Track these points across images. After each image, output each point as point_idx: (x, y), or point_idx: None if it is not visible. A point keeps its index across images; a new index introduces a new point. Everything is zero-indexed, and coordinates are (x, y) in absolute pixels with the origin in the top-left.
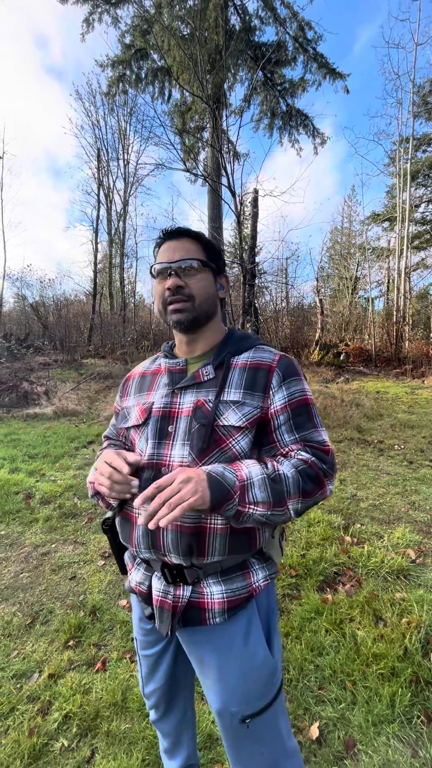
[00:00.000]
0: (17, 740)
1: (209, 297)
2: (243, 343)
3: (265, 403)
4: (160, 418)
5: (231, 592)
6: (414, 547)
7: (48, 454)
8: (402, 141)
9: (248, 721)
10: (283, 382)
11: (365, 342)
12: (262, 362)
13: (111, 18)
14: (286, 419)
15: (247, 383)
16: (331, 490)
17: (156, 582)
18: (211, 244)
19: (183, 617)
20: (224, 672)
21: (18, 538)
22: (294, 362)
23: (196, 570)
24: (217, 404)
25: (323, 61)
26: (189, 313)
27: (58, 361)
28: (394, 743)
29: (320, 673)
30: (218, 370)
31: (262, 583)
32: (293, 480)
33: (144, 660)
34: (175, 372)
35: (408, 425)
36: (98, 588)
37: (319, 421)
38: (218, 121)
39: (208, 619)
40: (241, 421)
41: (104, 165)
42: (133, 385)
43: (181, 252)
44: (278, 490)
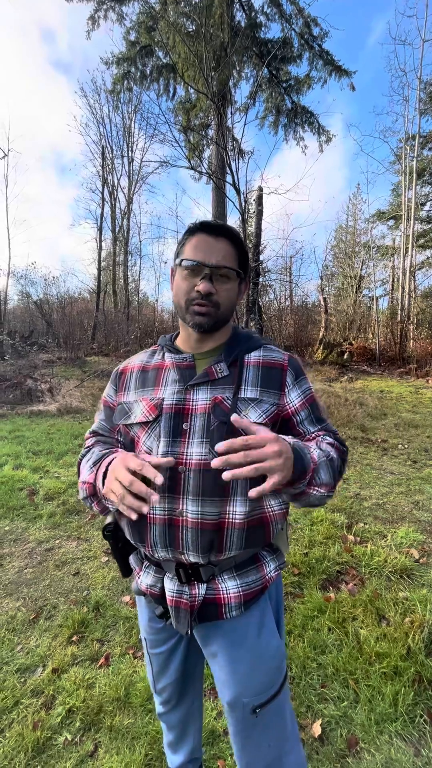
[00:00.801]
0: (21, 734)
1: (232, 305)
2: (251, 341)
3: (281, 401)
4: (174, 414)
5: (246, 585)
6: (417, 547)
7: (52, 450)
8: (408, 138)
9: (258, 710)
10: (296, 381)
11: (369, 341)
12: (276, 361)
13: (116, 15)
14: (307, 414)
15: (263, 381)
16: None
17: (169, 583)
18: (246, 249)
19: (199, 614)
20: (237, 665)
21: (22, 534)
22: (299, 362)
23: (212, 567)
24: (236, 401)
25: (329, 58)
26: (211, 318)
27: (61, 358)
28: (396, 742)
29: (323, 671)
30: (232, 367)
31: (273, 573)
32: (338, 461)
33: (155, 658)
34: (184, 368)
35: (412, 424)
36: (101, 584)
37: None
38: (223, 119)
39: (225, 613)
40: (261, 418)
41: (109, 163)
42: (133, 379)
43: (219, 256)
44: (334, 471)
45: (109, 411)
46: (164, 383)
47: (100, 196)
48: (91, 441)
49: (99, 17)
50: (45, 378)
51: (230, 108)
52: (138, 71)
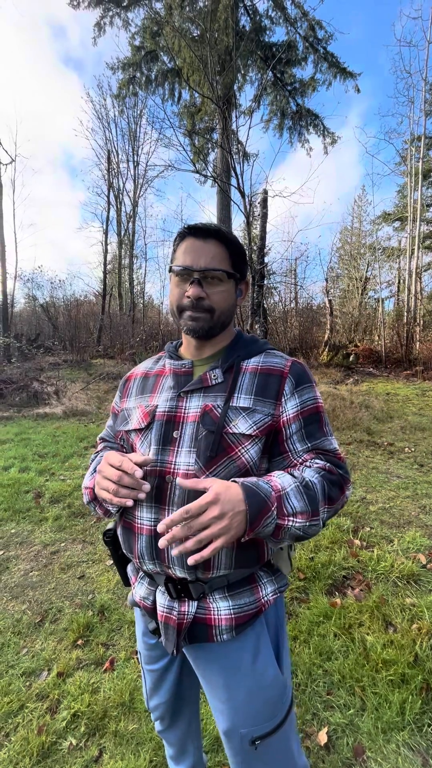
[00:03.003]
0: (26, 738)
1: (229, 308)
2: (252, 346)
3: (277, 411)
4: (165, 422)
5: (238, 608)
6: (425, 552)
7: (57, 453)
8: (414, 140)
9: (258, 743)
10: (295, 390)
11: (375, 343)
12: (275, 368)
13: (122, 21)
14: (298, 428)
15: (258, 389)
16: (347, 496)
17: (160, 597)
18: (240, 248)
19: (189, 634)
20: (232, 692)
21: (28, 537)
22: (306, 368)
23: (202, 584)
24: (226, 410)
25: (334, 61)
26: (205, 323)
27: (67, 361)
28: (404, 751)
29: (329, 678)
30: (227, 374)
31: (271, 597)
32: (320, 486)
33: (148, 675)
34: (181, 374)
35: (419, 427)
36: (106, 587)
37: (329, 430)
38: (228, 122)
39: (215, 635)
40: (251, 429)
41: (114, 167)
42: (135, 385)
43: (208, 258)
44: (312, 497)
45: (115, 417)
46: (160, 390)
47: (106, 200)
48: (99, 447)
49: (105, 23)
50: (51, 380)
51: (235, 111)
52: (143, 76)
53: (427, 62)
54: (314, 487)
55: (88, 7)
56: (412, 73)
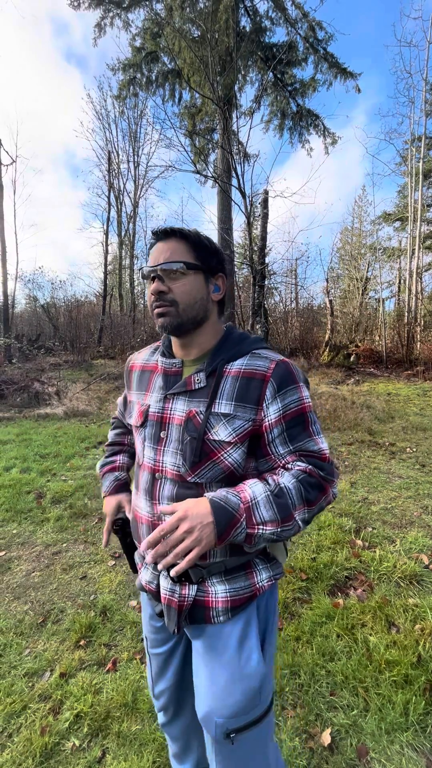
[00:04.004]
0: (29, 739)
1: (196, 302)
2: (240, 347)
3: (258, 416)
4: (155, 422)
5: (234, 591)
6: (427, 552)
7: (59, 454)
8: (414, 140)
9: (233, 736)
10: (277, 394)
11: (376, 343)
12: (257, 371)
13: (122, 22)
14: (280, 432)
15: (239, 394)
16: (335, 494)
17: (163, 581)
18: (203, 242)
19: (189, 615)
20: (215, 676)
21: (30, 537)
22: (291, 368)
23: (200, 569)
24: (207, 416)
25: (334, 61)
26: (172, 318)
27: (68, 361)
28: (407, 752)
29: (332, 679)
30: (210, 378)
31: (266, 583)
32: (296, 491)
33: (154, 658)
34: (170, 374)
35: (420, 428)
36: (109, 588)
37: (316, 429)
38: (228, 123)
39: (213, 617)
40: (230, 436)
41: (115, 167)
42: (135, 378)
43: (166, 254)
44: (283, 505)
45: (125, 402)
46: (152, 388)
47: (107, 201)
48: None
49: (105, 24)
50: (52, 381)
51: (235, 112)
52: (144, 77)
53: (427, 62)
54: (288, 494)
55: (89, 8)
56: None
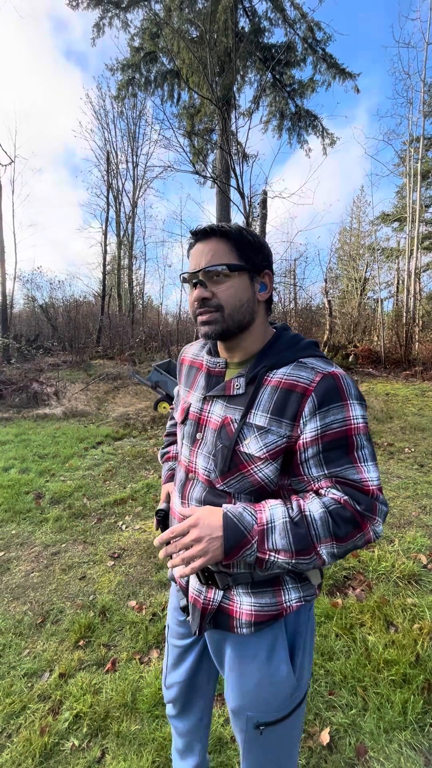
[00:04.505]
0: (29, 739)
1: (242, 304)
2: (287, 353)
3: (294, 432)
4: (193, 422)
5: (259, 606)
6: (425, 552)
7: (57, 454)
8: (412, 141)
9: (263, 728)
10: (318, 411)
11: (374, 343)
12: (298, 383)
13: (121, 22)
14: (315, 453)
15: (276, 407)
16: (377, 534)
17: (193, 580)
18: (246, 239)
19: (213, 619)
20: (245, 679)
21: (29, 538)
22: (341, 383)
23: (226, 576)
24: (241, 427)
25: (333, 62)
26: (217, 325)
27: (67, 361)
28: (406, 751)
29: (331, 678)
30: (250, 385)
31: (294, 603)
32: (322, 522)
33: (171, 649)
34: (213, 375)
35: (418, 428)
36: (108, 588)
37: (363, 455)
38: (227, 123)
39: (236, 627)
40: (261, 452)
41: (113, 167)
42: (184, 372)
43: (208, 257)
44: (301, 535)
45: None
46: (196, 387)
47: (105, 201)
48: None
49: (104, 24)
50: (50, 381)
51: (234, 112)
52: (142, 77)
53: (425, 64)
54: (312, 524)
55: (87, 8)
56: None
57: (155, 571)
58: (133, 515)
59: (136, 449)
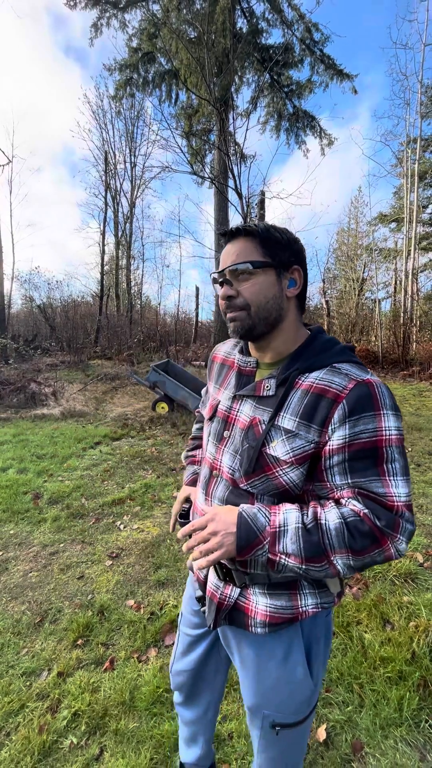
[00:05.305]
0: (27, 737)
1: (268, 301)
2: (321, 357)
3: (322, 438)
4: (221, 420)
5: (274, 608)
6: (422, 551)
7: (56, 454)
8: (410, 142)
9: (278, 729)
10: (348, 419)
11: (372, 344)
12: (330, 389)
13: (119, 22)
14: (341, 461)
15: (306, 412)
16: (399, 552)
17: (211, 574)
18: (273, 236)
19: (229, 615)
20: (262, 677)
21: (27, 538)
22: (375, 391)
23: (243, 574)
24: (269, 429)
25: (330, 63)
26: (244, 322)
27: (65, 362)
28: (401, 747)
29: (327, 676)
30: (281, 387)
31: (310, 609)
32: (337, 533)
33: (183, 637)
34: (244, 374)
35: (415, 428)
36: (106, 588)
37: (393, 469)
38: (225, 124)
39: (250, 626)
40: (287, 455)
41: (111, 167)
42: (215, 369)
43: (233, 256)
44: (312, 543)
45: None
46: (226, 385)
47: (103, 201)
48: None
49: (102, 24)
50: (48, 382)
51: (232, 113)
52: (140, 77)
53: (422, 65)
54: (325, 534)
55: (85, 7)
56: (408, 75)
57: (153, 570)
58: (131, 515)
59: (134, 449)
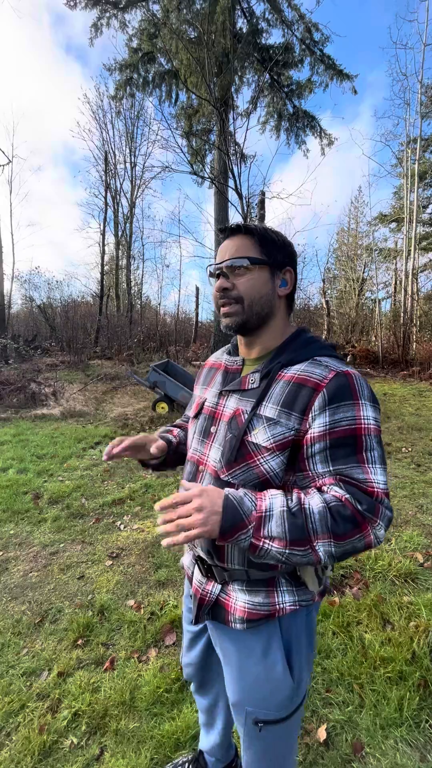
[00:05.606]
0: (28, 737)
1: (261, 296)
2: (302, 351)
3: (303, 426)
4: (207, 416)
5: (252, 604)
6: (422, 551)
7: (56, 454)
8: (410, 142)
9: (261, 725)
10: (327, 406)
11: (372, 344)
12: (310, 378)
13: (119, 22)
14: (322, 449)
15: (287, 400)
16: (378, 539)
17: (197, 572)
18: (269, 237)
19: (212, 611)
20: (243, 673)
21: (27, 538)
22: (353, 381)
23: (223, 571)
24: (251, 417)
25: (330, 63)
26: (238, 316)
27: (65, 362)
28: (402, 747)
29: (327, 676)
30: (265, 379)
31: (288, 606)
32: (320, 517)
33: (186, 633)
34: (230, 372)
35: (416, 428)
36: (106, 588)
37: (371, 457)
38: (225, 124)
39: (230, 621)
40: (268, 442)
41: (111, 168)
42: (203, 374)
43: (232, 251)
44: (297, 526)
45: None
46: (213, 384)
47: (103, 201)
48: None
49: (102, 24)
50: (48, 382)
51: (232, 113)
52: (140, 77)
53: (423, 64)
54: (309, 517)
55: (85, 8)
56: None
57: (153, 570)
58: (132, 515)
59: None
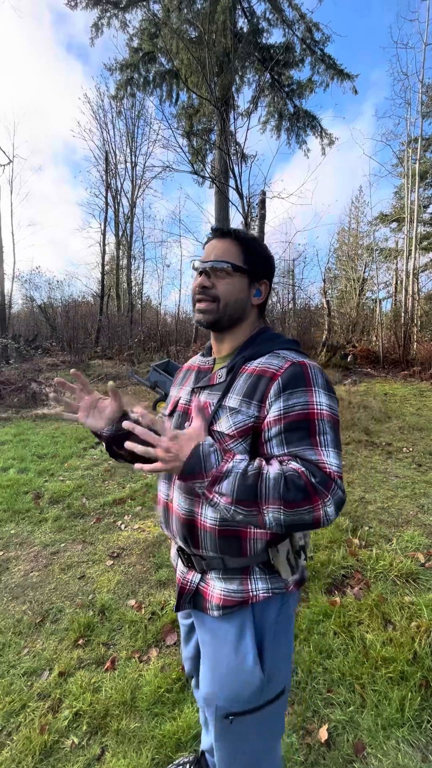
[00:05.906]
0: (29, 737)
1: (237, 301)
2: (264, 346)
3: (261, 413)
4: (181, 414)
5: (227, 591)
6: (423, 551)
7: (56, 454)
8: (410, 141)
9: (232, 718)
10: (282, 393)
11: (373, 343)
12: (268, 369)
13: (119, 22)
14: (278, 432)
15: (248, 391)
16: (327, 516)
17: (180, 562)
18: (254, 248)
19: (193, 599)
20: (217, 663)
21: (28, 538)
22: (307, 370)
23: (201, 560)
24: (216, 409)
25: (331, 62)
26: (211, 314)
27: (66, 362)
28: (403, 747)
29: (329, 676)
30: (230, 373)
31: (261, 594)
32: (274, 483)
33: (181, 627)
34: (203, 371)
35: (416, 428)
36: (107, 588)
37: (324, 441)
38: (226, 123)
39: (208, 609)
40: (230, 429)
41: (112, 167)
42: (180, 376)
43: (218, 253)
44: (248, 487)
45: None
46: (188, 383)
47: (104, 201)
48: None
49: (102, 24)
50: (49, 381)
51: (233, 113)
52: (141, 77)
53: (423, 64)
54: (263, 482)
55: (86, 7)
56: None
57: (154, 570)
58: (132, 515)
59: None
